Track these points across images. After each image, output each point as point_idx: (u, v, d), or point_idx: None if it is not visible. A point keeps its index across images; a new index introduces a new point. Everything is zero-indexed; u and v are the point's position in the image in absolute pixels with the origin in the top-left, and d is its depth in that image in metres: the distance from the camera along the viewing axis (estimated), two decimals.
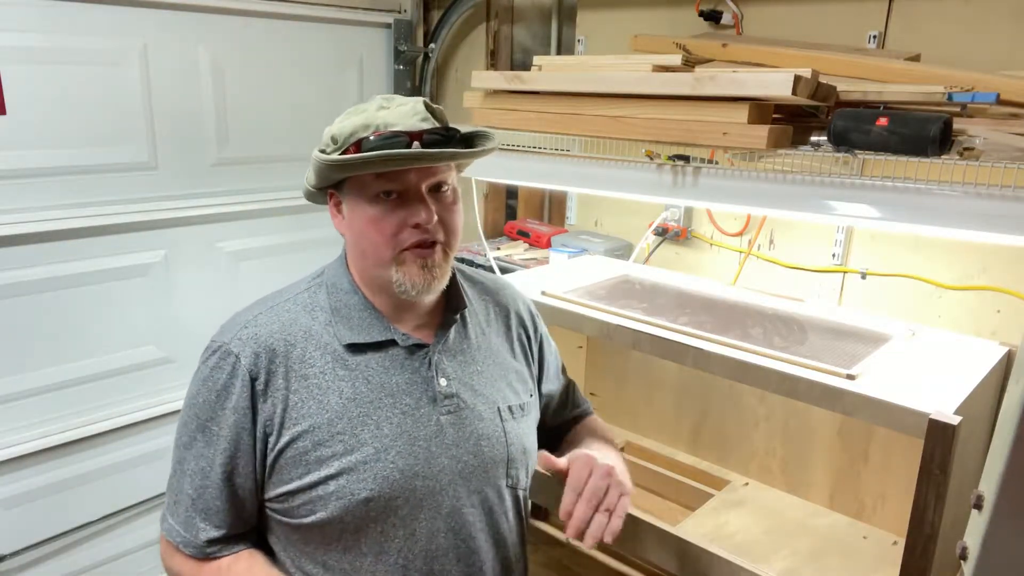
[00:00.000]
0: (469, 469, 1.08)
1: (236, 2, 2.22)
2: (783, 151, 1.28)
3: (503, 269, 2.19)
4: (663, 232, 2.08)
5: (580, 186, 1.62)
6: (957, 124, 1.20)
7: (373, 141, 0.99)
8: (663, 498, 1.82)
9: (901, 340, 1.45)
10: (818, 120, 1.34)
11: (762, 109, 1.27)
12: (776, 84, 1.20)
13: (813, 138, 1.27)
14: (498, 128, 1.63)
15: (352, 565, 1.04)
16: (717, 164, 1.37)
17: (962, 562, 0.86)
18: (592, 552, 1.77)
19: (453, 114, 1.12)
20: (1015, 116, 1.24)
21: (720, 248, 2.02)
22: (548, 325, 1.67)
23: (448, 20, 2.65)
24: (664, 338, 1.44)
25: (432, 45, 2.70)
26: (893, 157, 1.16)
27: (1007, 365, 1.41)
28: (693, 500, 1.73)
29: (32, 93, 1.89)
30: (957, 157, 1.13)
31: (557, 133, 1.53)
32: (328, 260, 1.17)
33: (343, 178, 1.04)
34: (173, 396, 2.29)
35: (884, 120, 1.16)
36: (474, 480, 1.09)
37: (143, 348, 2.23)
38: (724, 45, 1.66)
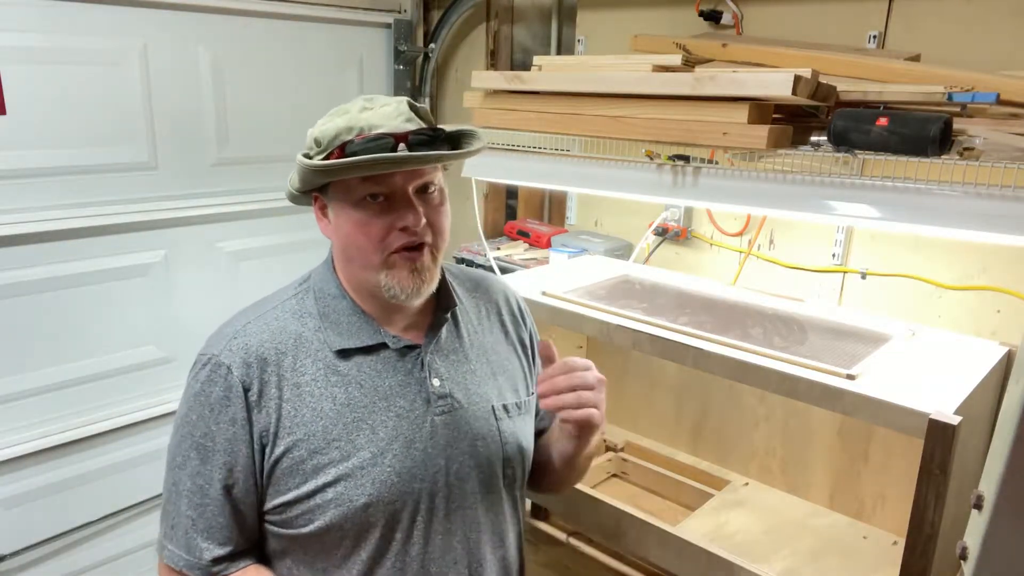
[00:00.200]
0: (466, 469, 1.07)
1: (236, 2, 2.21)
2: (783, 151, 1.28)
3: (503, 269, 2.19)
4: (663, 232, 2.08)
5: (580, 186, 1.62)
6: (957, 124, 1.20)
7: (357, 144, 0.96)
8: (663, 498, 1.82)
9: (901, 340, 1.45)
10: (818, 120, 1.34)
11: (762, 109, 1.27)
12: (776, 84, 1.20)
13: (813, 138, 1.27)
14: (498, 128, 1.63)
15: (351, 572, 1.03)
16: (717, 164, 1.37)
17: (962, 562, 0.86)
18: (592, 552, 1.77)
19: (453, 114, 1.12)
20: (1015, 116, 1.24)
21: (720, 248, 2.02)
22: (548, 325, 1.68)
23: (448, 20, 2.65)
24: (664, 338, 1.44)
25: (432, 45, 2.69)
26: (893, 157, 1.16)
27: (1007, 365, 1.41)
28: (693, 500, 1.73)
29: (32, 93, 1.89)
30: (957, 157, 1.13)
31: (557, 133, 1.53)
32: None
33: (327, 181, 1.02)
34: (173, 396, 2.27)
35: (884, 120, 1.16)
36: (471, 480, 1.08)
37: (143, 348, 2.23)
38: (724, 45, 1.66)
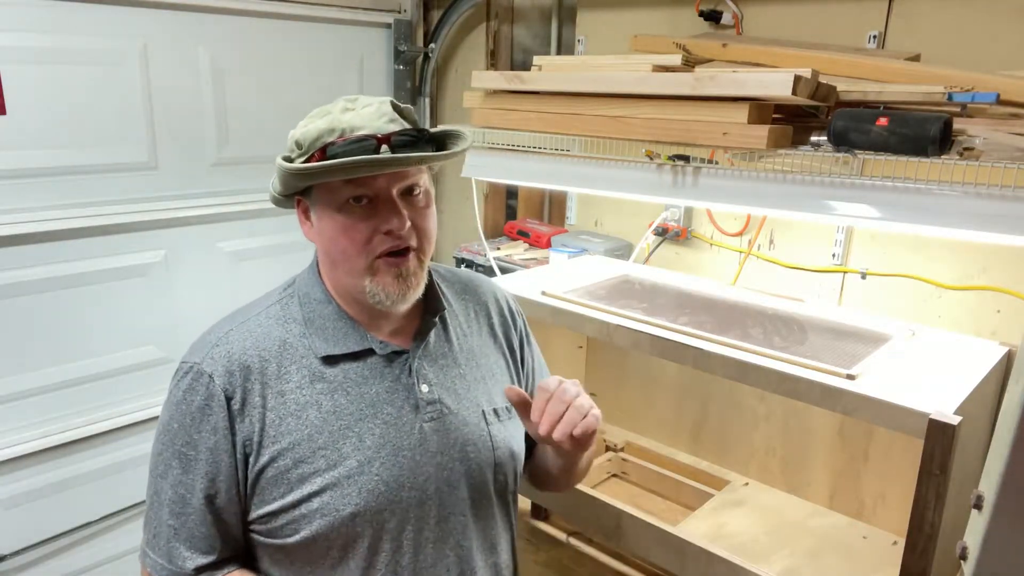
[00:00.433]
0: (456, 476, 1.05)
1: (236, 2, 2.22)
2: (783, 151, 1.28)
3: (503, 269, 2.19)
4: (663, 232, 2.08)
5: (580, 186, 1.62)
6: (957, 124, 1.20)
7: (339, 146, 0.95)
8: (663, 498, 1.82)
9: (901, 340, 1.45)
10: (818, 120, 1.34)
11: (762, 109, 1.27)
12: (776, 84, 1.20)
13: (813, 138, 1.27)
14: (498, 128, 1.63)
15: None
16: (717, 164, 1.37)
17: (962, 562, 0.86)
18: (592, 552, 1.77)
19: (453, 114, 1.11)
20: (1015, 116, 1.24)
21: (720, 248, 2.02)
22: (548, 325, 1.68)
23: (448, 20, 2.65)
24: (664, 338, 1.44)
25: (432, 45, 2.69)
26: (893, 157, 1.16)
27: (1007, 365, 1.41)
28: (693, 500, 1.73)
29: (32, 93, 1.89)
30: (957, 157, 1.13)
31: (557, 133, 1.53)
32: None
33: (309, 184, 1.01)
34: None
35: (884, 120, 1.16)
36: (461, 487, 1.06)
37: (143, 348, 2.23)
38: (724, 45, 1.66)
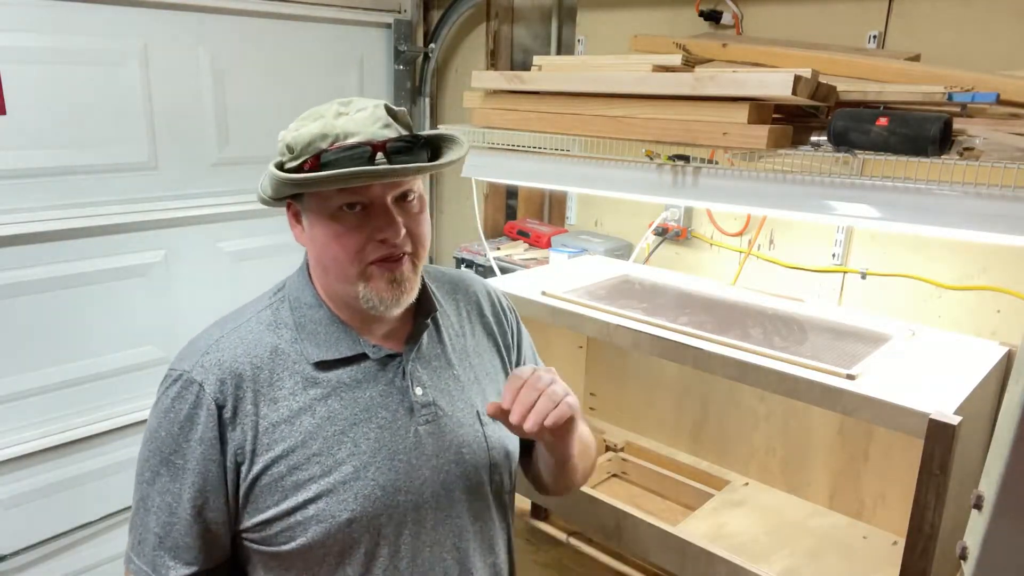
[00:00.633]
0: (452, 479, 1.04)
1: (236, 2, 2.22)
2: (783, 151, 1.28)
3: (503, 269, 2.20)
4: (663, 232, 2.08)
5: (580, 186, 1.61)
6: (957, 124, 1.20)
7: (332, 154, 0.92)
8: (663, 498, 1.82)
9: (901, 340, 1.45)
10: (818, 120, 1.34)
11: (762, 109, 1.27)
12: (776, 84, 1.20)
13: (813, 138, 1.27)
14: (498, 128, 1.63)
15: None
16: (717, 164, 1.37)
17: (962, 562, 0.86)
18: (592, 552, 1.77)
19: (453, 114, 1.10)
20: (1015, 116, 1.24)
21: (720, 248, 2.02)
22: (548, 325, 1.68)
23: (448, 20, 2.65)
24: (664, 338, 1.44)
25: (432, 45, 2.70)
26: (893, 157, 1.16)
27: (1007, 365, 1.41)
28: (693, 500, 1.73)
29: (32, 93, 1.89)
30: (957, 157, 1.13)
31: (557, 133, 1.53)
32: None
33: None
34: None
35: (884, 120, 1.16)
36: (457, 489, 1.05)
37: (143, 348, 2.23)
38: (724, 45, 1.66)
